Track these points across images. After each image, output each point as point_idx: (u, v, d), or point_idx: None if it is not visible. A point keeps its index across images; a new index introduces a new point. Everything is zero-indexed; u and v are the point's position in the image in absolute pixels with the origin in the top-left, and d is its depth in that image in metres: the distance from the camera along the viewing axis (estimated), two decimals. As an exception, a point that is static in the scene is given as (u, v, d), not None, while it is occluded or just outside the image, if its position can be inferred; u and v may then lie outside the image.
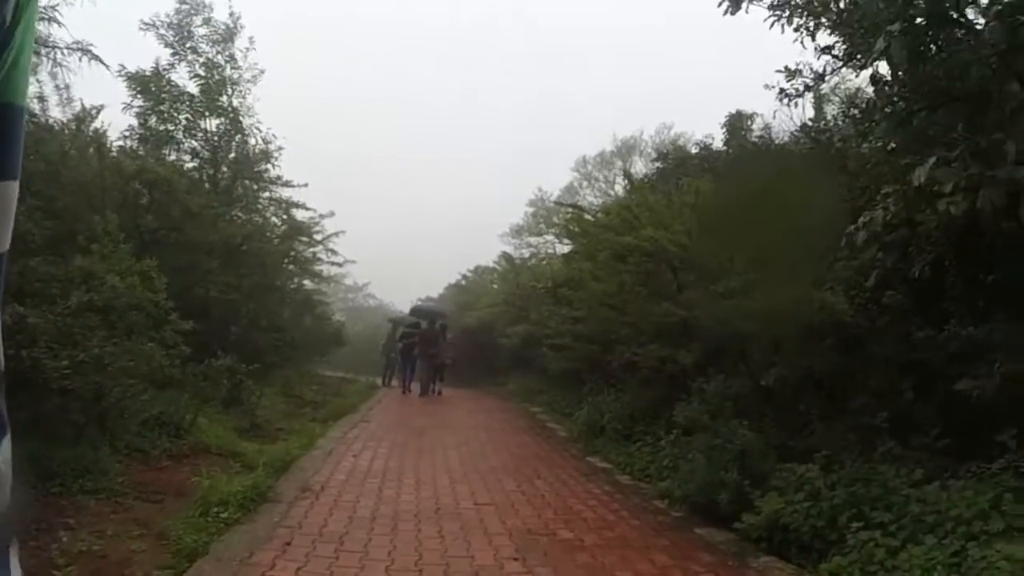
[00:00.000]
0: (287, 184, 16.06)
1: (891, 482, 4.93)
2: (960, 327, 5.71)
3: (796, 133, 10.48)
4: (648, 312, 8.56)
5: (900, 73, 5.70)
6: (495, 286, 23.56)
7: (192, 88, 14.44)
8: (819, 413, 6.51)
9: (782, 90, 7.64)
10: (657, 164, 16.24)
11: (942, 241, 6.17)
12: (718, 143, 14.56)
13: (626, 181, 10.50)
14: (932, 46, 5.29)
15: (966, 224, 5.31)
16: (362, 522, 5.39)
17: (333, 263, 18.03)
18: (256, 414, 9.53)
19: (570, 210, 12.32)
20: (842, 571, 4.42)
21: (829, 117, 9.37)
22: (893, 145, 5.71)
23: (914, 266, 6.35)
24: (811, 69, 7.34)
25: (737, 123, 13.96)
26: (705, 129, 18.06)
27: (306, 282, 17.89)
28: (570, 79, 61.38)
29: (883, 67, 6.10)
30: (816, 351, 6.53)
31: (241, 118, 15.19)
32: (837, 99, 10.02)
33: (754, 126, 13.78)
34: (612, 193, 16.94)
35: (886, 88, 5.78)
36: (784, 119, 14.00)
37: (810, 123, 9.32)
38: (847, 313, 6.05)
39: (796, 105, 7.94)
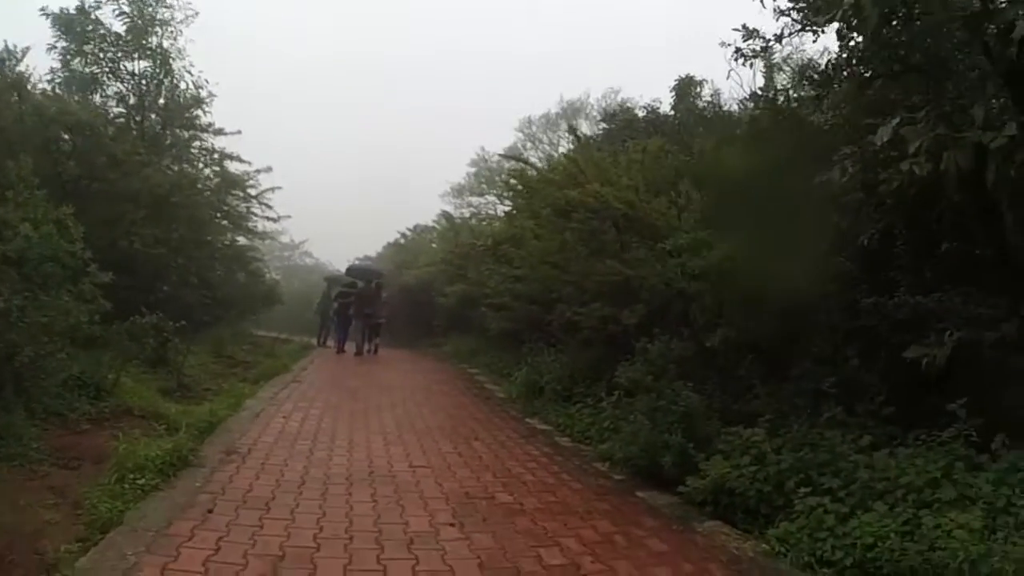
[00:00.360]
0: (219, 132, 15.25)
1: (838, 448, 4.85)
2: (908, 296, 5.66)
3: (746, 100, 10.35)
4: (591, 271, 8.34)
5: (863, 36, 5.54)
6: (434, 245, 23.09)
7: (118, 27, 13.47)
8: (762, 377, 6.42)
9: (738, 49, 7.40)
10: (603, 125, 16.00)
11: (894, 209, 6.10)
12: (665, 108, 14.49)
13: (572, 138, 10.15)
14: (902, 8, 5.08)
15: (920, 191, 5.23)
16: (290, 486, 5.00)
17: (268, 218, 17.38)
18: (184, 374, 8.96)
19: (516, 164, 11.89)
20: (790, 537, 4.30)
21: (779, 86, 9.26)
22: (853, 107, 5.53)
23: (863, 234, 6.30)
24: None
25: (687, 87, 13.83)
26: (651, 96, 17.93)
27: (240, 238, 17.19)
28: (516, 40, 60.21)
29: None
30: (760, 314, 6.42)
31: (171, 60, 14.21)
32: (788, 69, 9.93)
33: (703, 92, 13.72)
34: (556, 155, 16.63)
35: (850, 47, 5.58)
36: (734, 86, 13.89)
37: (760, 92, 9.19)
38: (797, 277, 5.91)
39: (751, 66, 7.75)
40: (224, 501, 4.56)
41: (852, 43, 5.39)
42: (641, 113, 15.37)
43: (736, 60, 7.21)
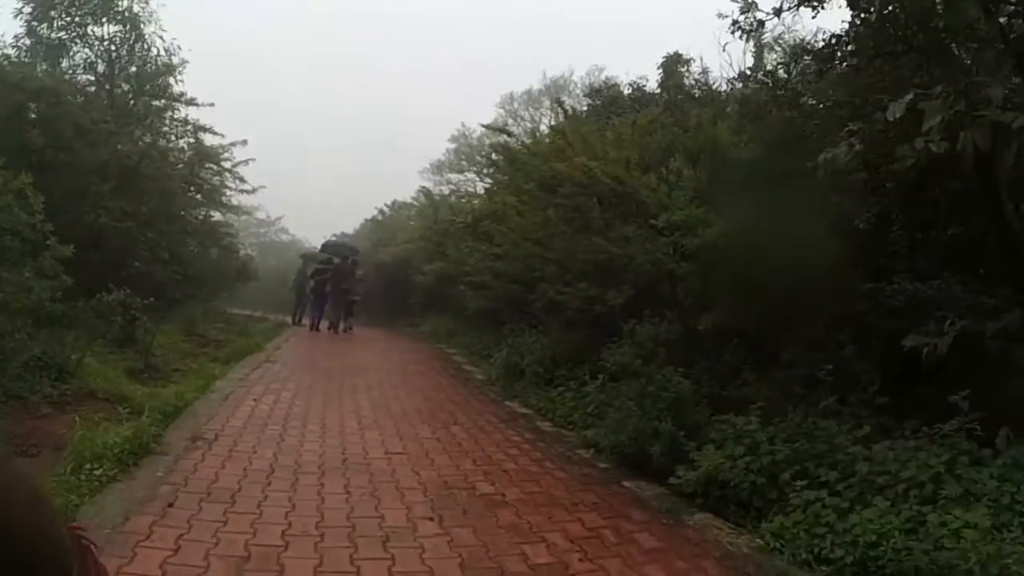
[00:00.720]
0: (191, 102, 14.69)
1: (836, 439, 4.65)
2: (905, 283, 5.47)
3: (735, 80, 10.10)
4: (576, 248, 8.06)
5: (871, 11, 5.29)
6: (412, 222, 22.65)
7: None
8: (751, 362, 6.22)
9: (735, 22, 7.11)
10: (588, 101, 15.66)
11: (891, 193, 5.90)
12: (652, 86, 14.20)
13: (559, 110, 9.82)
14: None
15: (920, 174, 5.03)
16: (258, 476, 4.70)
17: (243, 190, 16.87)
18: (152, 354, 8.55)
19: (499, 137, 11.53)
20: (786, 532, 4.12)
21: (769, 66, 9.01)
22: (859, 84, 5.27)
23: (859, 216, 6.09)
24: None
25: (674, 64, 13.54)
26: (637, 74, 17.53)
27: (214, 213, 16.75)
28: (501, 15, 59.18)
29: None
30: (752, 297, 6.19)
31: (141, 24, 13.55)
32: (780, 49, 9.67)
33: (691, 70, 13.43)
34: (539, 133, 16.27)
35: (860, 20, 5.31)
36: (722, 65, 13.66)
37: (749, 71, 8.93)
38: (791, 259, 5.69)
39: (747, 40, 7.48)
40: (186, 493, 4.25)
41: (863, 16, 5.11)
42: (627, 90, 15.09)
43: (733, 33, 6.94)
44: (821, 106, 6.36)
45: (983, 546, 3.39)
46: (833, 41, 5.86)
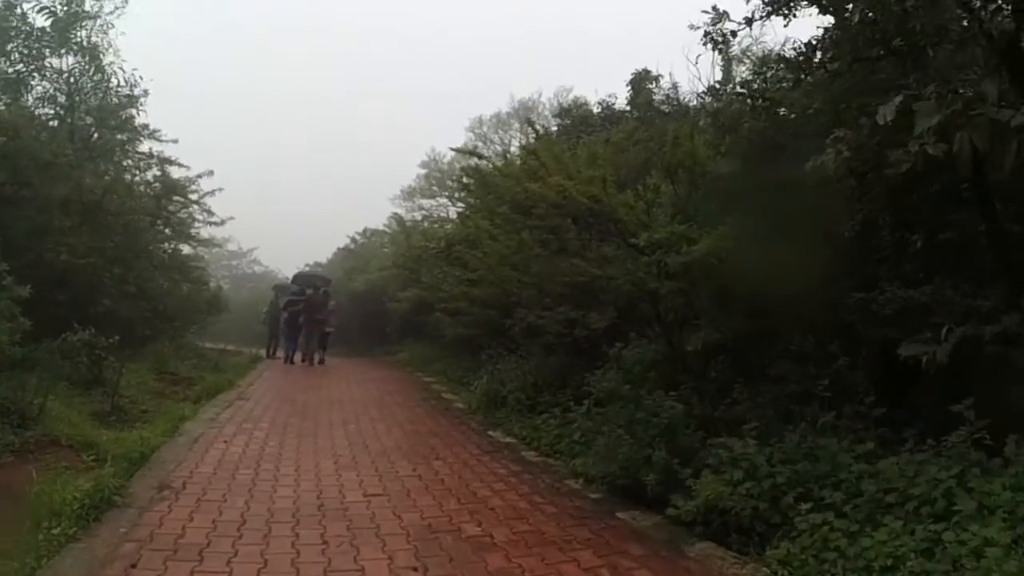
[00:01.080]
0: (154, 135, 14.37)
1: (838, 457, 4.44)
2: (896, 289, 5.30)
3: (703, 94, 10.03)
4: (554, 271, 7.83)
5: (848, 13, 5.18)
6: (386, 249, 22.38)
7: (41, 21, 12.34)
8: (739, 380, 6.00)
9: (707, 33, 7.01)
10: (558, 121, 15.59)
11: (876, 199, 5.76)
12: (621, 103, 14.19)
13: (530, 130, 9.66)
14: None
15: (905, 181, 4.90)
16: (228, 528, 4.33)
17: (211, 222, 16.49)
18: (120, 395, 8.12)
19: (471, 160, 11.33)
20: (793, 559, 3.89)
21: (738, 78, 8.95)
22: (840, 89, 5.15)
23: (845, 224, 5.94)
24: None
25: (643, 81, 13.52)
26: (605, 92, 17.50)
27: (183, 247, 16.35)
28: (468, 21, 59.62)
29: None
30: (739, 312, 6.00)
31: (101, 55, 13.16)
32: (748, 61, 9.62)
33: (659, 86, 13.41)
34: (510, 155, 16.13)
35: (843, 19, 5.20)
36: (691, 80, 13.61)
37: (718, 85, 8.86)
38: (780, 272, 5.51)
39: (719, 52, 7.40)
40: (151, 551, 3.89)
41: (844, 19, 4.99)
42: (596, 109, 15.05)
43: (705, 45, 6.83)
44: (794, 116, 6.25)
45: (1006, 564, 3.18)
46: (809, 47, 5.75)
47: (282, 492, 5.22)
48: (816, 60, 5.55)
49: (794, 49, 6.34)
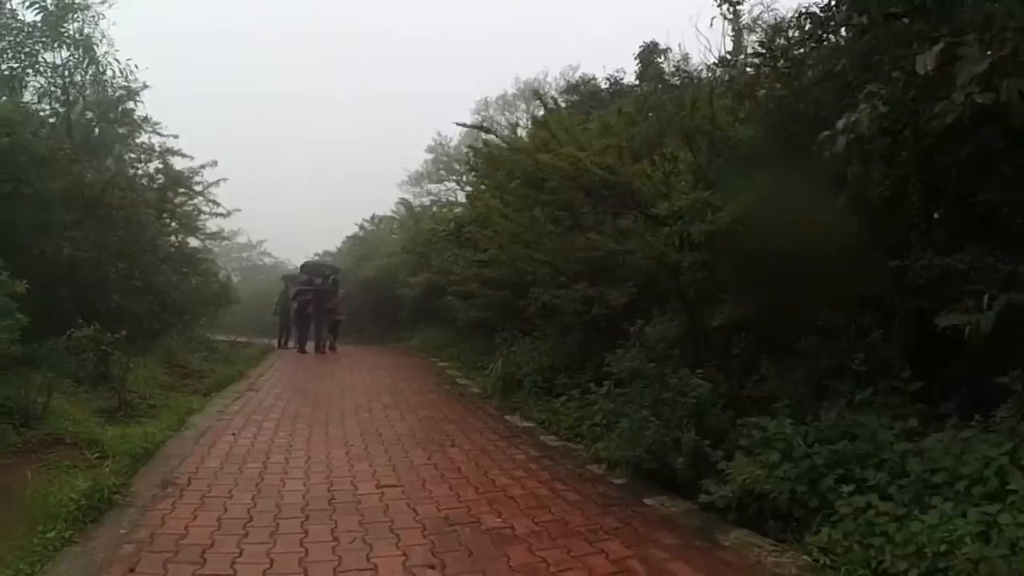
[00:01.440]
0: (155, 129, 14.20)
1: (879, 435, 4.16)
2: (930, 257, 4.98)
3: (714, 65, 9.69)
4: (569, 247, 7.54)
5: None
6: (395, 235, 22.16)
7: (31, 16, 12.15)
8: (766, 356, 5.72)
9: (723, -2, 6.70)
10: (566, 97, 15.24)
11: (907, 161, 5.42)
12: (629, 79, 13.86)
13: (539, 103, 9.33)
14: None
15: (936, 142, 4.59)
16: (233, 526, 4.11)
17: (218, 214, 16.34)
18: (128, 390, 7.93)
19: (480, 137, 11.04)
20: (836, 545, 3.64)
21: (749, 49, 8.62)
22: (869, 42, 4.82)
23: (875, 189, 5.61)
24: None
25: (652, 54, 13.17)
26: (613, 68, 17.04)
27: (191, 240, 16.30)
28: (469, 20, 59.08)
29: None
30: (766, 284, 5.70)
31: (94, 47, 12.93)
32: (759, 30, 9.27)
33: (668, 59, 13.04)
34: (517, 134, 15.83)
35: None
36: (702, 52, 13.26)
37: (729, 55, 8.52)
38: (810, 240, 5.20)
39: (731, 20, 7.10)
40: (151, 553, 3.68)
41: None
42: (604, 85, 14.69)
43: (720, 5, 6.52)
44: (813, 78, 5.91)
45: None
46: (832, 4, 5.41)
47: (291, 486, 5.01)
48: (839, 18, 5.21)
49: (816, 7, 6.01)
